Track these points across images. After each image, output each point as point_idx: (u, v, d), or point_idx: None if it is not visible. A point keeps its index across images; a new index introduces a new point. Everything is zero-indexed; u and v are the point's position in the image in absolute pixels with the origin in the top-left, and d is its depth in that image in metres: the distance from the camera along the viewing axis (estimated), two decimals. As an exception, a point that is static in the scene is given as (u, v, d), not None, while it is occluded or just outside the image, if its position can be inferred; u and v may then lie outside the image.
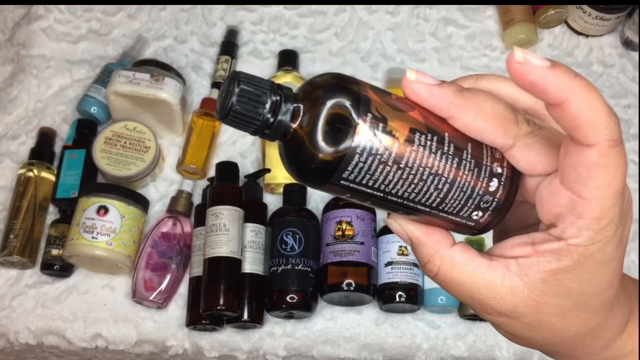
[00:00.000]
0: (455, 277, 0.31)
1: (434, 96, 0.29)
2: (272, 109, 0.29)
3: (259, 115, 0.29)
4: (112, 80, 0.92)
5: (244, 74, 0.30)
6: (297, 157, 0.30)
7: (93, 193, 0.87)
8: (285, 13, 1.10)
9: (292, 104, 0.30)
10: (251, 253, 0.86)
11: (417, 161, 0.29)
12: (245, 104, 0.29)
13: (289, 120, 0.30)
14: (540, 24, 1.06)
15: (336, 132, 0.28)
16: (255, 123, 0.29)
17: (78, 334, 0.87)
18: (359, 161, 0.28)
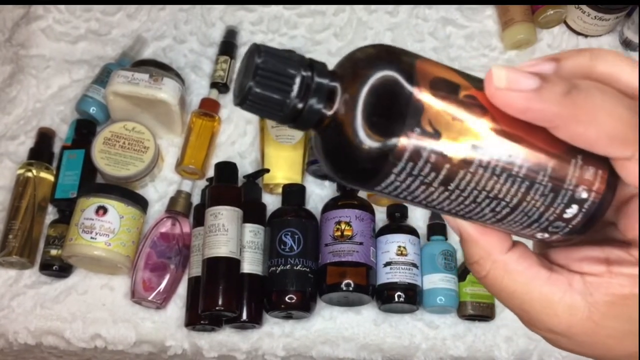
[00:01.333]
0: (507, 285, 0.28)
1: (533, 110, 0.23)
2: (301, 91, 0.24)
3: (285, 99, 0.24)
4: (111, 81, 0.92)
5: (266, 46, 0.24)
6: (334, 151, 0.24)
7: (92, 193, 0.87)
8: (284, 13, 1.10)
9: (327, 82, 0.24)
10: (250, 253, 0.86)
11: (472, 185, 0.24)
12: (268, 84, 0.23)
13: (323, 105, 0.24)
14: (540, 24, 1.06)
15: (382, 121, 0.23)
16: (281, 108, 0.24)
17: (77, 334, 0.87)
18: (402, 169, 0.23)
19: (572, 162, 0.25)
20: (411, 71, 0.23)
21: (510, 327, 0.87)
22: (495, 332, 0.87)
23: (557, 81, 0.24)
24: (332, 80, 0.24)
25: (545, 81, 0.24)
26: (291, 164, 0.94)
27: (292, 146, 0.94)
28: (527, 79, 0.23)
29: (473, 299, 0.86)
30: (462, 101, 0.23)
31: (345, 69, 0.24)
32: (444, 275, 0.86)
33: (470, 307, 0.86)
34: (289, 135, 0.94)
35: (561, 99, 0.23)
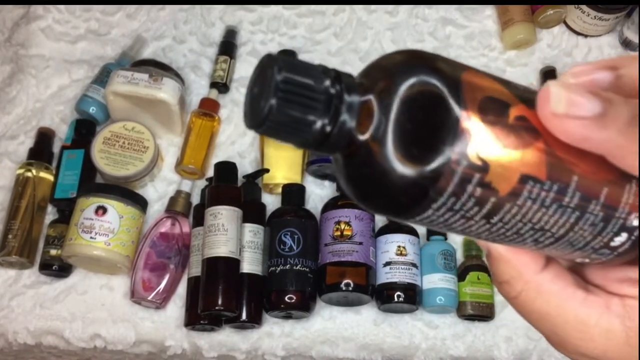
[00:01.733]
0: (539, 307, 0.26)
1: (594, 140, 0.21)
2: (329, 111, 0.20)
3: (313, 119, 0.20)
4: (111, 80, 0.92)
5: (284, 58, 0.20)
6: (363, 179, 0.21)
7: (91, 193, 0.87)
8: (284, 13, 1.10)
9: (360, 99, 0.20)
10: (250, 253, 0.86)
11: (518, 217, 0.22)
12: (292, 103, 0.20)
13: (355, 126, 0.20)
14: (539, 24, 1.06)
15: (423, 151, 0.20)
16: (307, 130, 0.20)
17: (77, 334, 0.87)
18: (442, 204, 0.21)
19: (625, 189, 0.22)
20: (458, 90, 0.20)
21: (510, 327, 0.87)
22: (495, 332, 0.87)
23: (620, 107, 0.21)
24: (363, 96, 0.21)
25: (608, 105, 0.21)
26: (291, 164, 0.94)
27: (291, 146, 0.94)
28: (589, 102, 0.21)
29: (473, 298, 0.86)
30: (513, 126, 0.21)
31: (378, 84, 0.20)
32: (444, 275, 0.86)
33: (469, 307, 0.86)
34: (288, 135, 0.94)
35: (625, 128, 0.21)
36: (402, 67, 0.21)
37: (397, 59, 0.21)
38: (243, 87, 1.04)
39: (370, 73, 0.21)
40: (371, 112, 0.20)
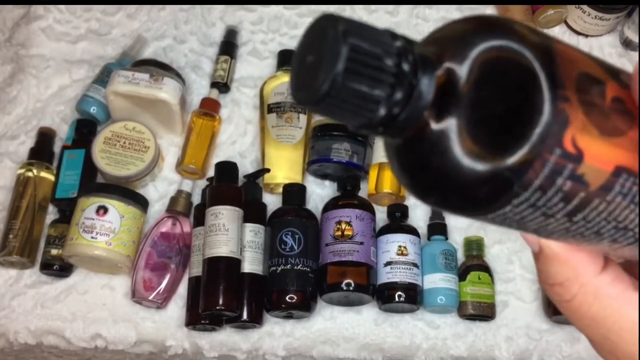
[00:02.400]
0: (596, 312, 0.24)
1: None
2: (401, 87, 0.16)
3: (378, 99, 0.16)
4: (112, 80, 0.92)
5: (349, 20, 0.17)
6: (429, 170, 0.18)
7: (92, 193, 0.87)
8: (284, 13, 1.10)
9: (433, 74, 0.17)
10: (250, 253, 0.86)
11: (604, 215, 0.19)
12: (360, 75, 0.16)
13: (428, 105, 0.17)
14: (540, 24, 1.06)
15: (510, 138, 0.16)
16: (375, 108, 0.16)
17: (77, 333, 0.87)
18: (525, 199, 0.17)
19: None
20: (552, 63, 0.16)
21: (510, 326, 0.87)
22: (496, 331, 0.87)
23: None
24: (434, 69, 0.17)
25: None
26: (292, 163, 0.94)
27: (292, 146, 0.94)
28: None
29: (473, 298, 0.86)
30: (610, 109, 0.18)
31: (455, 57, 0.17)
32: (445, 274, 0.86)
33: (470, 307, 0.86)
34: (289, 135, 0.95)
35: None
36: (485, 34, 0.17)
37: (476, 24, 0.17)
38: (244, 86, 1.04)
39: (441, 43, 0.17)
40: (447, 90, 0.16)
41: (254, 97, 1.02)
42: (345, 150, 0.90)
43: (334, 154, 0.90)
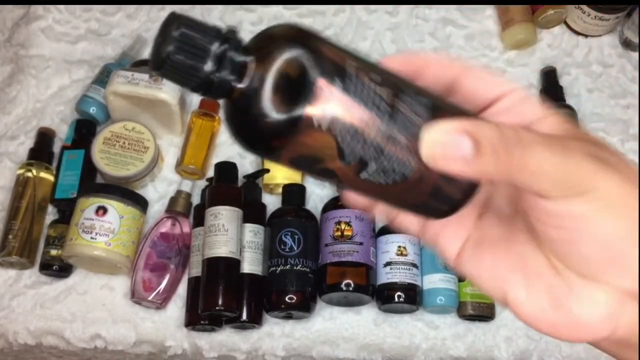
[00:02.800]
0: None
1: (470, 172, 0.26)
2: (215, 61, 0.25)
3: (200, 68, 0.25)
4: (111, 81, 0.92)
5: (186, 16, 0.26)
6: (241, 120, 0.26)
7: (92, 193, 0.87)
8: (284, 13, 1.10)
9: (240, 57, 0.26)
10: (250, 253, 0.86)
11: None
12: (185, 52, 0.25)
13: (235, 77, 0.26)
14: (540, 24, 1.06)
15: (287, 96, 0.25)
16: (195, 76, 0.25)
17: (77, 334, 0.87)
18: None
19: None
20: (320, 57, 0.26)
21: (510, 327, 0.87)
22: (495, 332, 0.87)
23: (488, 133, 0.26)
24: (245, 55, 0.26)
25: (478, 143, 0.25)
26: (291, 164, 0.94)
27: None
28: (462, 144, 0.25)
29: (473, 299, 0.86)
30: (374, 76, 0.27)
31: (259, 46, 0.26)
32: (444, 275, 0.86)
33: (470, 307, 0.86)
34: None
35: (498, 153, 0.25)
36: (280, 39, 0.26)
37: (277, 31, 0.26)
38: (243, 87, 1.04)
39: (257, 39, 0.27)
40: (250, 69, 0.25)
41: (254, 98, 1.02)
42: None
43: (334, 154, 0.90)
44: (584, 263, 0.28)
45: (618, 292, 0.28)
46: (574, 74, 1.05)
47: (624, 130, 1.00)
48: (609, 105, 1.02)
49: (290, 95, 0.25)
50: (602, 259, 0.27)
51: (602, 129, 1.00)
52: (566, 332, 0.29)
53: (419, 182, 0.28)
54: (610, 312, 0.28)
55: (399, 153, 0.27)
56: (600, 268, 0.28)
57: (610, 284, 0.28)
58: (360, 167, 0.27)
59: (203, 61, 0.25)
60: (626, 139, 1.00)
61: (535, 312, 0.29)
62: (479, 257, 0.31)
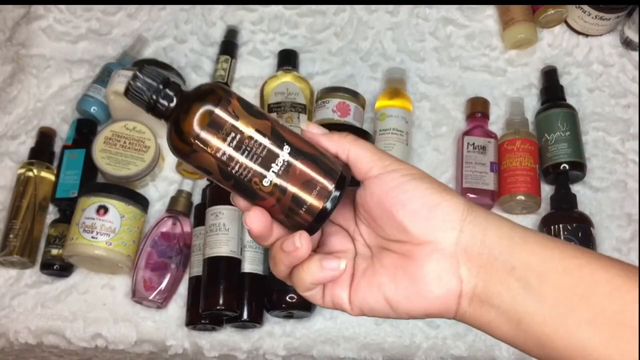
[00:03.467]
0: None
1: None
2: (157, 94, 0.40)
3: (148, 98, 0.40)
4: (112, 80, 0.92)
5: (149, 69, 0.41)
6: (169, 133, 0.41)
7: (93, 193, 0.87)
8: (285, 13, 1.10)
9: (172, 95, 0.41)
10: (251, 253, 0.86)
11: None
12: (142, 86, 0.40)
13: (165, 108, 0.41)
14: (540, 24, 1.06)
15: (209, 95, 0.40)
16: (144, 103, 0.40)
17: (78, 333, 0.87)
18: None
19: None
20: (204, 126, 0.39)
21: (510, 326, 0.87)
22: (496, 331, 0.87)
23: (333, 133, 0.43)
24: (176, 95, 0.41)
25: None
26: (292, 163, 0.94)
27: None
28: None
29: (474, 298, 0.86)
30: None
31: (187, 93, 0.41)
32: (445, 274, 0.86)
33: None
34: (289, 134, 0.95)
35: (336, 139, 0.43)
36: (192, 96, 0.41)
37: (196, 89, 0.41)
38: (244, 86, 1.04)
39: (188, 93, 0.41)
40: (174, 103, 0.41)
41: (254, 97, 1.02)
42: (345, 150, 0.90)
43: (334, 153, 0.90)
44: (415, 221, 0.38)
45: (448, 248, 0.38)
46: (574, 73, 1.05)
47: (624, 130, 1.00)
48: (609, 104, 1.02)
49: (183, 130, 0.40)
50: (424, 209, 0.38)
51: (602, 128, 1.00)
52: (425, 301, 0.38)
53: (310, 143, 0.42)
54: (448, 266, 0.38)
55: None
56: (425, 221, 0.38)
57: (439, 241, 0.38)
58: (276, 116, 0.43)
59: (149, 92, 0.40)
60: (626, 139, 1.00)
61: (405, 294, 0.39)
62: (358, 287, 0.41)
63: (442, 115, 1.02)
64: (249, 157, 0.40)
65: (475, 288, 0.37)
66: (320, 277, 0.40)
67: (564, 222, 0.88)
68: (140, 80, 0.40)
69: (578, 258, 0.36)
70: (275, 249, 0.42)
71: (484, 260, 0.37)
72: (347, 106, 0.95)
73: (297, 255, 0.40)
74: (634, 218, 0.94)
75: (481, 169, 0.93)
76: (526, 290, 0.35)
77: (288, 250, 0.40)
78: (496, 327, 0.37)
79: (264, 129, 0.39)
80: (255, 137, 0.39)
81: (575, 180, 0.95)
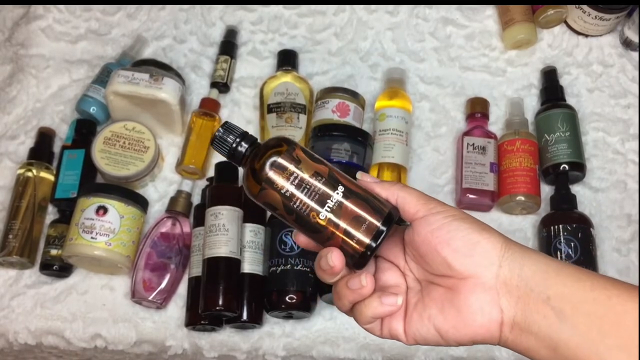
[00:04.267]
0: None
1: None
2: (237, 143, 0.48)
3: (230, 145, 0.48)
4: (111, 80, 0.92)
5: (229, 123, 0.49)
6: (245, 177, 0.48)
7: (92, 193, 0.87)
8: (284, 13, 1.10)
9: (247, 146, 0.48)
10: (250, 253, 0.86)
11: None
12: (225, 134, 0.48)
13: (241, 157, 0.48)
14: (540, 24, 1.06)
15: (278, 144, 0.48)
16: (227, 149, 0.48)
17: (77, 334, 0.87)
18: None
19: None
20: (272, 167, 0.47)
21: (510, 327, 0.87)
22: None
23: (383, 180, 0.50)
24: (251, 146, 0.48)
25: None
26: (291, 163, 0.94)
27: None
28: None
29: (473, 299, 0.86)
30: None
31: (260, 145, 0.48)
32: (445, 275, 0.86)
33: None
34: (289, 135, 0.95)
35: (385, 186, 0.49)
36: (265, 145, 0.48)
37: (266, 143, 0.48)
38: (243, 86, 1.04)
39: (260, 144, 0.49)
40: (249, 153, 0.48)
41: (254, 97, 1.02)
42: (345, 150, 0.90)
43: (334, 154, 0.90)
44: (458, 258, 0.43)
45: (489, 282, 0.42)
46: (574, 73, 1.05)
47: (624, 130, 1.00)
48: (609, 105, 1.02)
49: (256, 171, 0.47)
50: (466, 247, 0.43)
51: (602, 128, 1.00)
52: (471, 330, 0.43)
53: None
54: (489, 298, 0.42)
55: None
56: (467, 258, 0.43)
57: (480, 275, 0.42)
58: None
59: (231, 141, 0.48)
60: (626, 139, 1.00)
61: (452, 324, 0.43)
62: (411, 319, 0.46)
63: (441, 115, 1.02)
64: (307, 195, 0.46)
65: (515, 317, 0.41)
66: (380, 312, 0.45)
67: (564, 222, 0.88)
68: (224, 133, 0.48)
69: (608, 289, 0.40)
70: (341, 285, 0.46)
71: (521, 292, 0.41)
72: (347, 106, 0.95)
73: (361, 293, 0.45)
74: (633, 218, 0.94)
75: (481, 169, 0.93)
76: (560, 318, 0.40)
77: (353, 288, 0.44)
78: (535, 352, 0.41)
79: (322, 172, 0.46)
80: (313, 178, 0.46)
81: (575, 180, 0.95)
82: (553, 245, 0.87)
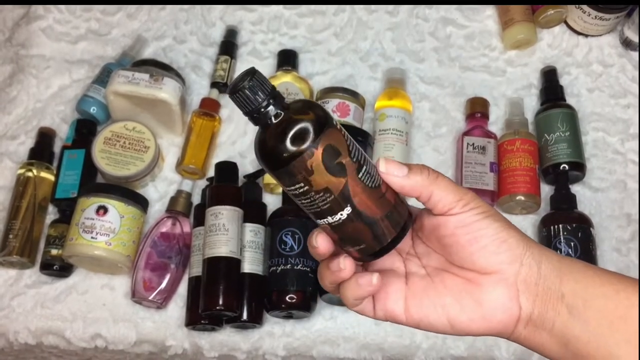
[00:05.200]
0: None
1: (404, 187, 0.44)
2: (267, 103, 0.40)
3: (256, 103, 0.40)
4: (112, 80, 0.92)
5: (259, 73, 0.41)
6: (266, 144, 0.41)
7: (92, 193, 0.87)
8: (284, 13, 1.10)
9: (279, 107, 0.41)
10: (250, 253, 0.86)
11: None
12: (252, 90, 0.40)
13: (271, 118, 0.41)
14: (540, 24, 1.06)
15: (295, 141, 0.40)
16: (251, 107, 0.40)
17: (77, 334, 0.87)
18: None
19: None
20: (319, 135, 0.40)
21: (510, 326, 0.87)
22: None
23: (416, 169, 0.44)
24: (282, 109, 0.41)
25: (409, 170, 0.43)
26: (291, 163, 0.94)
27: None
28: (400, 168, 0.43)
29: (473, 298, 0.86)
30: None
31: (292, 107, 0.41)
32: (445, 274, 0.86)
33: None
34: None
35: (420, 181, 0.43)
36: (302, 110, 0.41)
37: (305, 105, 0.42)
38: (244, 87, 1.04)
39: (293, 103, 0.42)
40: (279, 115, 0.41)
41: (254, 97, 1.02)
42: (345, 150, 0.90)
43: (334, 154, 0.90)
44: (485, 254, 0.43)
45: (510, 279, 0.43)
46: (574, 73, 1.05)
47: (624, 130, 1.00)
48: (609, 105, 1.02)
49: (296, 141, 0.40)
50: (494, 244, 0.43)
51: (602, 128, 1.00)
52: (488, 323, 0.43)
53: (385, 194, 0.43)
54: (511, 295, 0.43)
55: (374, 168, 0.43)
56: (494, 255, 0.43)
57: (504, 272, 0.43)
58: (358, 166, 0.41)
59: (260, 100, 0.40)
60: (626, 139, 1.00)
61: (469, 316, 0.44)
62: (420, 303, 0.45)
63: (441, 115, 1.02)
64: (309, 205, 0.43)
65: (532, 314, 0.43)
66: (359, 293, 0.44)
67: (564, 222, 0.88)
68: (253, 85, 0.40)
69: (615, 284, 0.41)
70: (322, 266, 0.46)
71: (539, 289, 0.42)
72: (347, 106, 0.95)
73: (340, 276, 0.45)
74: (633, 218, 0.94)
75: (481, 169, 0.93)
76: (573, 314, 0.41)
77: (333, 269, 0.45)
78: (546, 348, 0.43)
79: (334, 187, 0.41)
80: (321, 193, 0.42)
81: (575, 180, 0.95)
82: (553, 245, 0.87)
